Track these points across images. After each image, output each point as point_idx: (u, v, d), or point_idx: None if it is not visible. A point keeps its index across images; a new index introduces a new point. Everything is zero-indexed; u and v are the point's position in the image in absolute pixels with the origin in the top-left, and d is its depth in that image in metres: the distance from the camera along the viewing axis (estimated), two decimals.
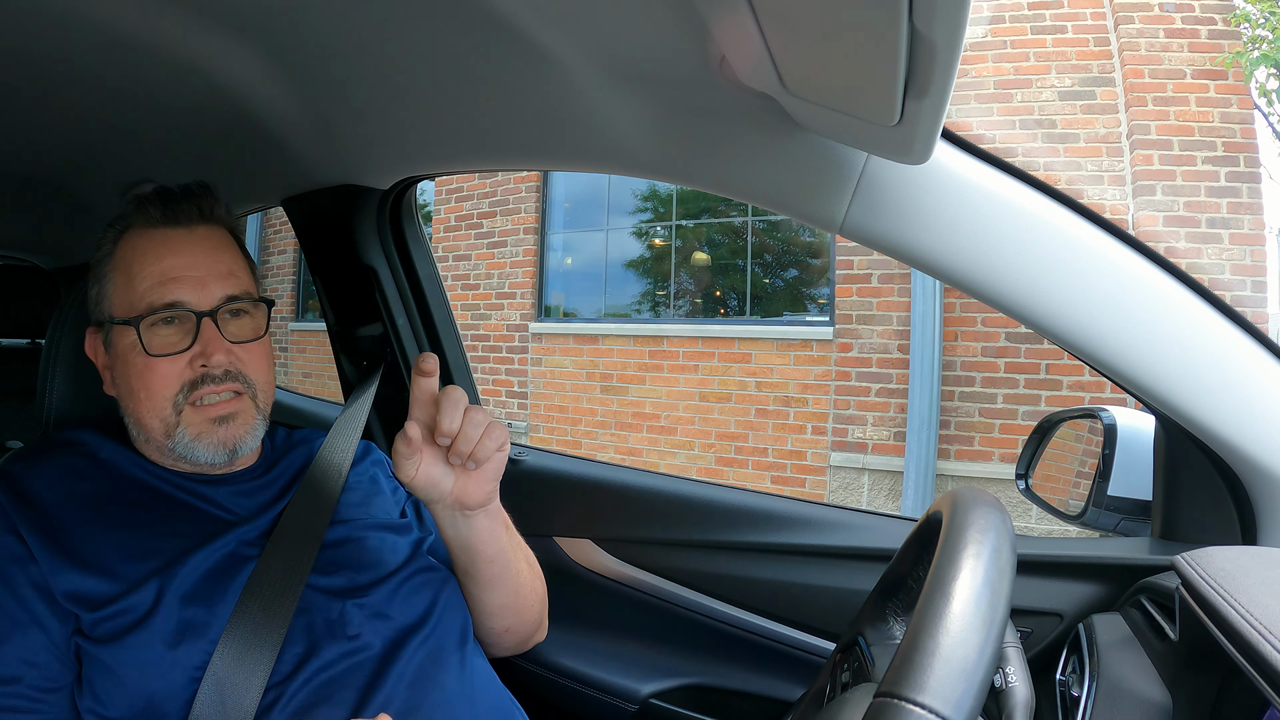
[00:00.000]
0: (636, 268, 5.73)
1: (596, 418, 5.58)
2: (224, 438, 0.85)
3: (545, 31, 0.76)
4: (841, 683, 0.74)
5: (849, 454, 4.65)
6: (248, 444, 0.87)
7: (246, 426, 0.87)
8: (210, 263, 0.87)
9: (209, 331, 0.84)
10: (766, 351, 4.95)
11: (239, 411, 0.86)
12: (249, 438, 0.87)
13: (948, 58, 0.48)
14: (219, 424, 0.85)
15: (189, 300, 0.84)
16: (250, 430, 0.87)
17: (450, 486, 0.81)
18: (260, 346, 0.89)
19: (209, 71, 0.97)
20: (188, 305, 0.84)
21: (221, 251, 0.89)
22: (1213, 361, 0.77)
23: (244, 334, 0.88)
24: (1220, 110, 4.08)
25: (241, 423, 0.86)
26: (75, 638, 0.74)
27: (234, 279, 0.88)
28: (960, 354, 4.37)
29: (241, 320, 0.88)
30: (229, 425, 0.85)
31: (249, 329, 0.88)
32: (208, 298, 0.85)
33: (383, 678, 0.79)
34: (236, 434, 0.86)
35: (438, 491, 0.81)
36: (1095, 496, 0.96)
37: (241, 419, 0.86)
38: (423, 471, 0.79)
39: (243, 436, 0.86)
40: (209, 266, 0.86)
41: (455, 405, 0.77)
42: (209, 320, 0.84)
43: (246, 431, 0.87)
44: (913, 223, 0.79)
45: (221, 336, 0.85)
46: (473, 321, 6.15)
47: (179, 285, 0.84)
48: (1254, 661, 0.52)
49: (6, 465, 0.84)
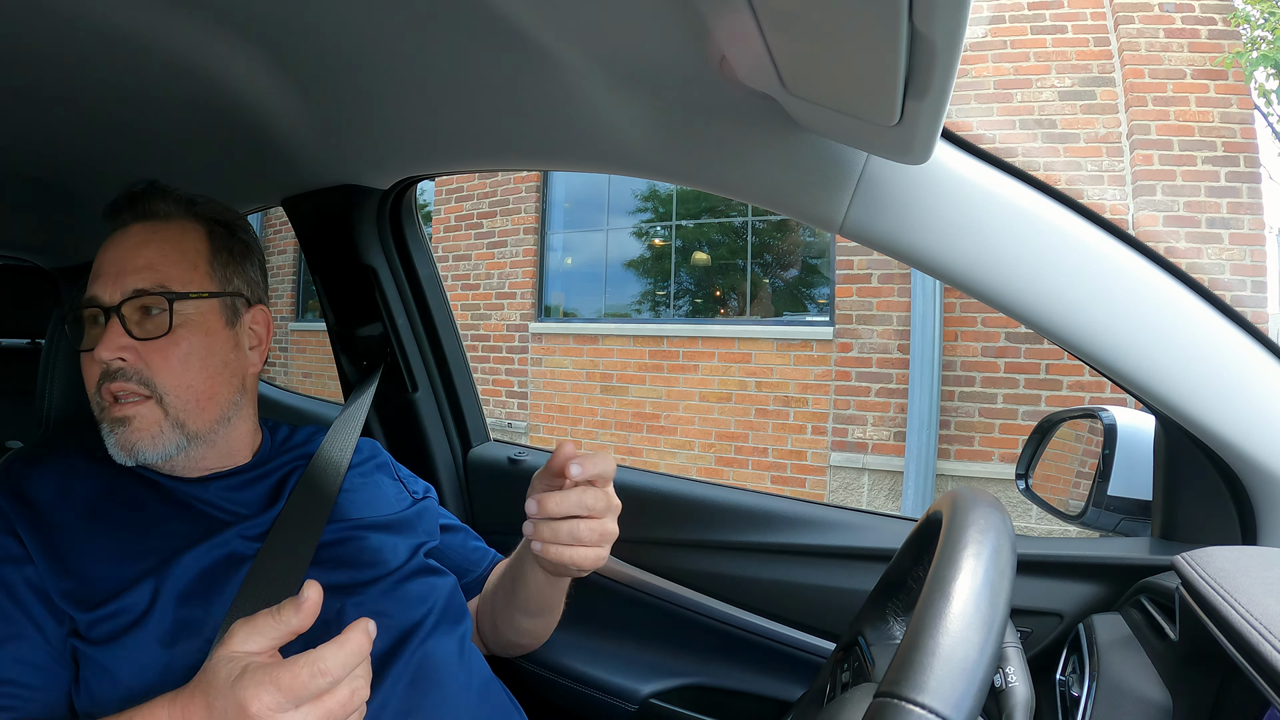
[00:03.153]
0: (636, 268, 5.73)
1: (596, 418, 5.58)
2: (122, 440, 0.82)
3: (545, 31, 0.76)
4: (841, 683, 0.74)
5: (849, 454, 4.65)
6: (148, 451, 0.82)
7: (146, 433, 0.82)
8: (127, 258, 0.85)
9: (110, 326, 0.82)
10: (766, 351, 4.95)
11: (136, 416, 0.82)
12: (148, 445, 0.82)
13: (948, 58, 0.48)
14: (119, 425, 0.82)
15: (100, 296, 0.83)
16: (151, 437, 0.82)
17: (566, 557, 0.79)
18: (169, 345, 0.83)
19: (209, 71, 0.97)
20: (98, 301, 0.83)
21: (145, 246, 0.86)
22: (1213, 361, 0.77)
23: (154, 331, 0.83)
24: (1220, 110, 4.08)
25: (139, 428, 0.82)
26: (71, 639, 0.74)
27: (149, 273, 0.84)
28: (960, 354, 4.37)
29: (156, 317, 0.84)
30: (126, 428, 0.82)
31: (151, 326, 0.83)
32: (115, 292, 0.83)
33: (381, 678, 0.79)
34: (132, 438, 0.81)
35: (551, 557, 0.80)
36: (1095, 496, 0.96)
37: (139, 424, 0.82)
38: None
39: (138, 443, 0.82)
40: (125, 261, 0.84)
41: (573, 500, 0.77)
42: (114, 315, 0.82)
43: (144, 438, 0.82)
44: (913, 223, 0.79)
45: (124, 332, 0.82)
46: (473, 321, 6.15)
47: (97, 282, 0.84)
48: (1254, 662, 0.52)
49: (6, 465, 0.84)
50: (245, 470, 0.91)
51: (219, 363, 0.88)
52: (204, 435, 0.86)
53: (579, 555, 0.78)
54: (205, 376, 0.86)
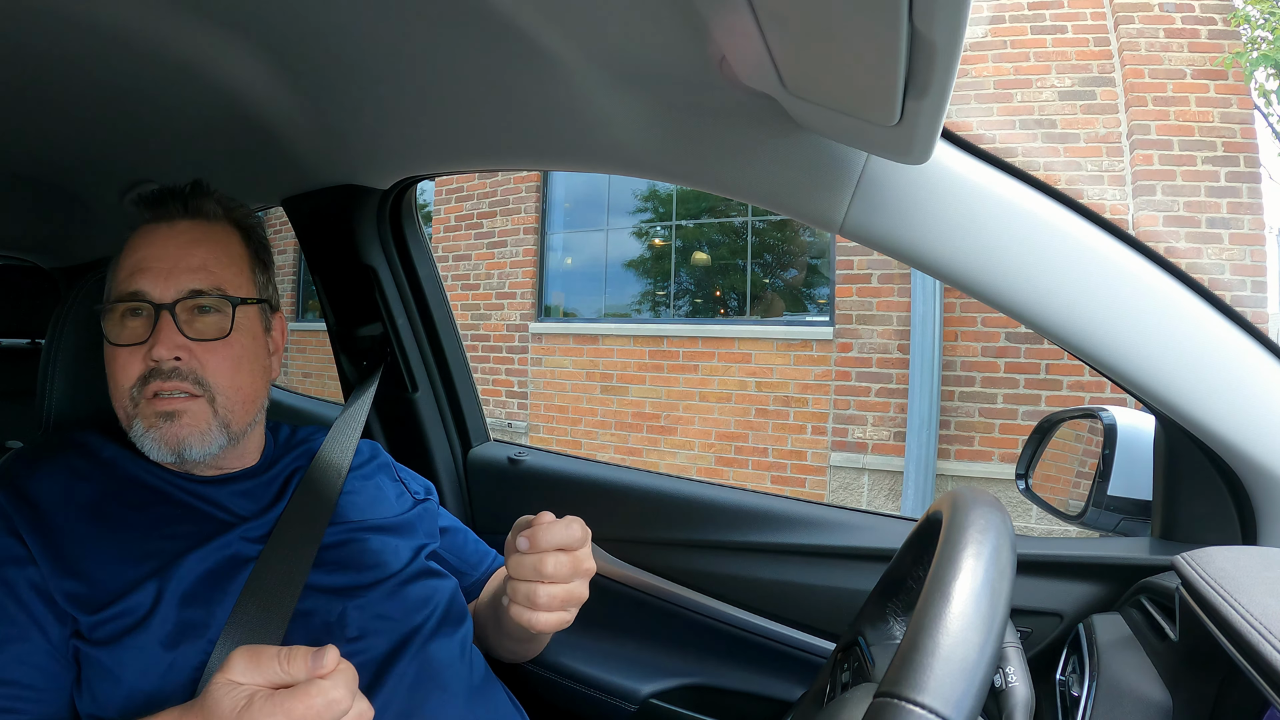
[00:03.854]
0: (636, 268, 5.73)
1: (596, 418, 5.58)
2: (167, 435, 0.82)
3: (546, 31, 0.76)
4: (841, 683, 0.74)
5: (849, 454, 4.65)
6: (195, 448, 0.83)
7: (195, 429, 0.82)
8: (180, 255, 0.85)
9: (163, 324, 0.82)
10: (766, 351, 4.95)
11: (186, 411, 0.82)
12: (196, 441, 0.83)
13: (948, 58, 0.48)
14: (165, 419, 0.82)
15: (150, 292, 0.83)
16: (200, 434, 0.83)
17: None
18: (224, 347, 0.85)
19: (209, 72, 0.97)
20: (147, 296, 0.83)
21: (198, 245, 0.86)
22: (1213, 361, 0.77)
23: (207, 332, 0.84)
24: (1220, 110, 4.08)
25: (188, 423, 0.82)
26: (74, 640, 0.74)
27: (205, 274, 0.85)
28: (960, 354, 4.37)
29: (207, 317, 0.85)
30: (174, 423, 0.82)
31: (213, 327, 0.85)
32: (169, 290, 0.83)
33: (383, 679, 0.79)
34: (181, 434, 0.82)
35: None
36: (1095, 496, 0.96)
37: (189, 419, 0.82)
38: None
39: (188, 438, 0.82)
40: (178, 259, 0.84)
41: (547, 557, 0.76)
42: (166, 313, 0.82)
43: (194, 434, 0.82)
44: (913, 223, 0.79)
45: (178, 331, 0.82)
46: (473, 321, 6.15)
47: (143, 277, 0.83)
48: (1254, 661, 0.52)
49: (8, 465, 0.84)
50: (254, 472, 0.91)
51: (261, 367, 0.90)
52: (239, 436, 0.87)
53: (535, 619, 0.76)
54: (251, 380, 0.88)
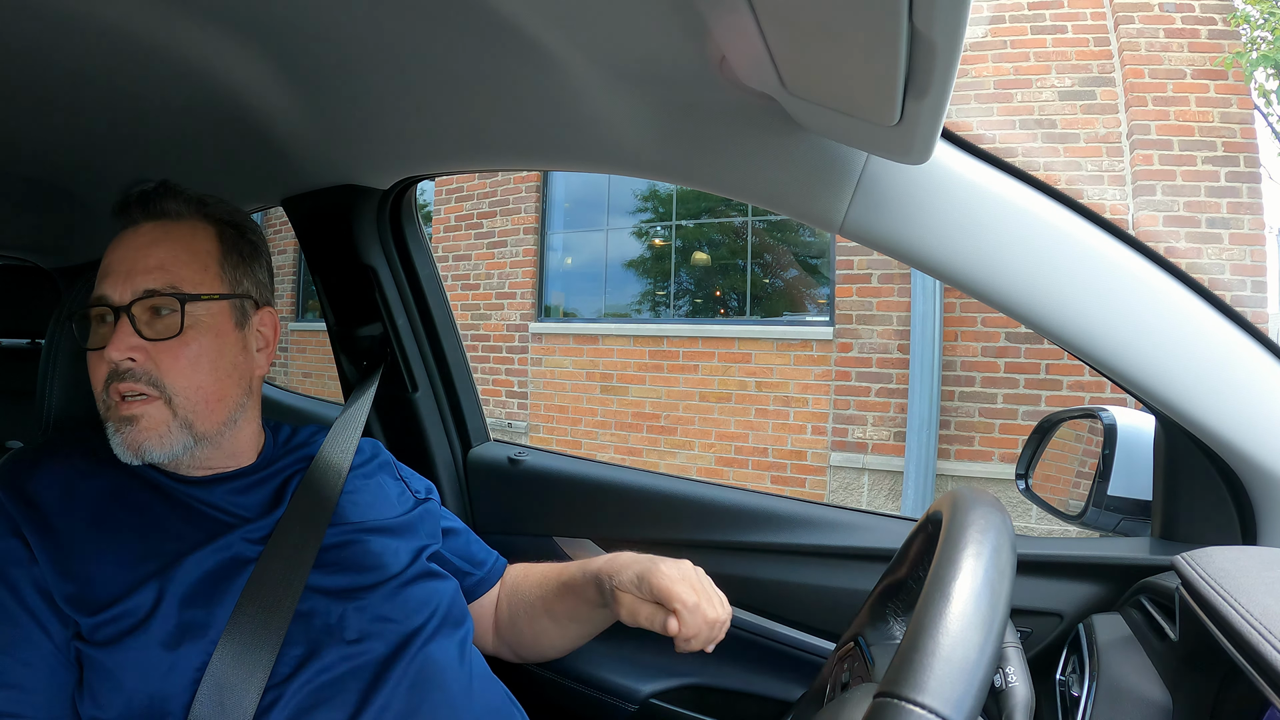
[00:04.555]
0: (636, 268, 5.73)
1: (596, 418, 5.58)
2: (129, 439, 0.81)
3: (545, 31, 0.75)
4: (841, 683, 0.74)
5: (849, 454, 4.65)
6: (155, 451, 0.82)
7: (152, 431, 0.82)
8: (138, 257, 0.84)
9: (120, 326, 0.82)
10: (766, 351, 4.94)
11: (144, 415, 0.82)
12: (155, 444, 0.82)
13: (948, 58, 0.48)
14: (125, 424, 0.81)
15: (109, 295, 0.83)
16: (158, 436, 0.82)
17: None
18: (179, 346, 0.83)
19: (209, 72, 0.97)
20: (108, 300, 0.83)
21: (156, 246, 0.86)
22: (1213, 361, 0.77)
23: (164, 332, 0.83)
24: (1220, 110, 4.08)
25: (146, 427, 0.81)
26: (75, 642, 0.74)
27: (160, 273, 0.84)
28: (960, 354, 4.37)
29: (166, 318, 0.84)
30: (133, 427, 0.81)
31: (162, 327, 0.83)
32: (125, 292, 0.83)
33: (383, 680, 0.79)
34: (139, 438, 0.81)
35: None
36: (1095, 496, 0.96)
37: (146, 423, 0.81)
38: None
39: (145, 441, 0.81)
40: (135, 261, 0.84)
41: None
42: (124, 315, 0.82)
43: (151, 436, 0.82)
44: (913, 223, 0.79)
45: (134, 333, 0.81)
46: (473, 321, 6.15)
47: (105, 281, 0.84)
48: (1254, 661, 0.52)
49: (9, 465, 0.84)
50: (249, 472, 0.91)
51: (228, 364, 0.88)
52: (211, 436, 0.86)
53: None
54: (215, 378, 0.86)
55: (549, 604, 0.99)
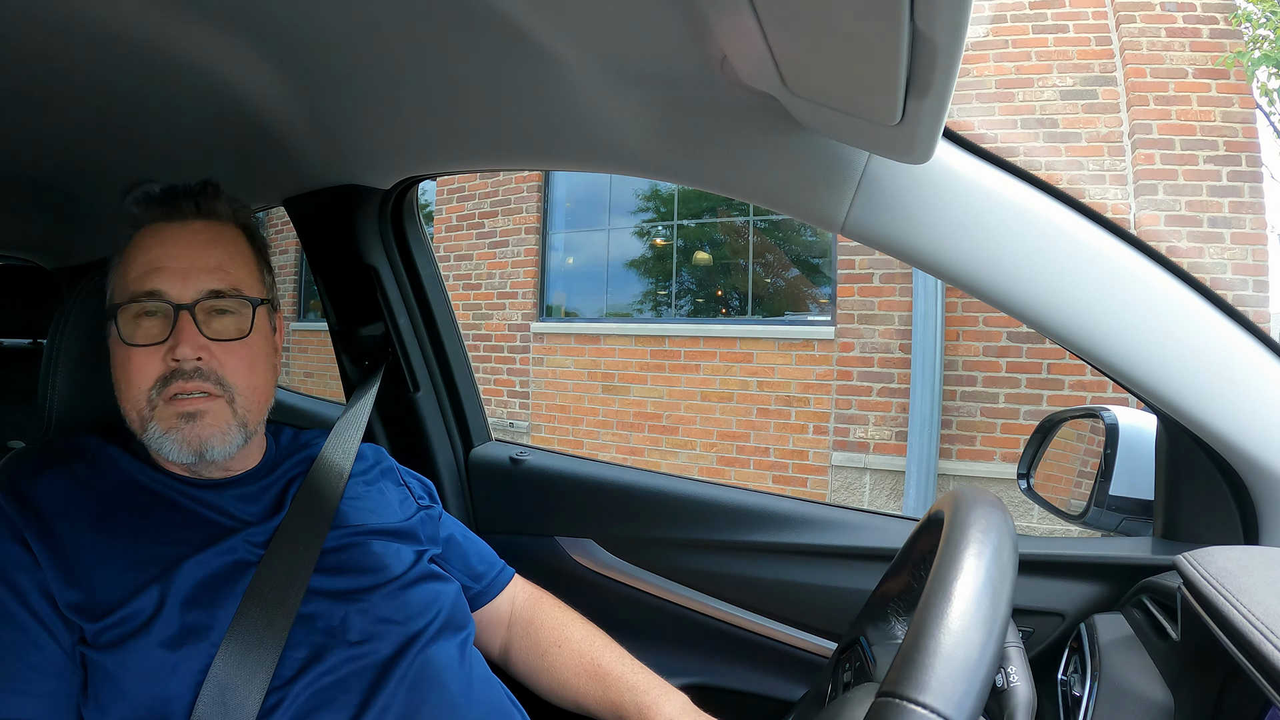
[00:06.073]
0: (638, 267, 5.73)
1: (598, 417, 5.58)
2: (189, 436, 0.81)
3: (547, 32, 0.76)
4: (843, 682, 0.74)
5: (850, 453, 4.64)
6: (217, 448, 0.83)
7: (216, 429, 0.82)
8: (197, 255, 0.85)
9: (184, 324, 0.82)
10: (768, 351, 4.94)
11: (209, 411, 0.82)
12: (218, 441, 0.83)
13: (949, 57, 0.48)
14: (186, 420, 0.81)
15: (168, 291, 0.82)
16: (221, 433, 0.83)
17: None
18: (242, 347, 0.85)
19: (211, 72, 0.97)
20: (166, 296, 0.82)
21: (214, 246, 0.86)
22: (1214, 361, 0.77)
23: (226, 332, 0.84)
24: (1222, 109, 4.07)
25: (210, 423, 0.82)
26: (79, 646, 0.74)
27: (221, 274, 0.85)
28: (962, 353, 4.36)
29: (225, 318, 0.85)
30: (196, 423, 0.81)
31: (231, 328, 0.85)
32: (188, 290, 0.83)
33: (384, 681, 0.79)
34: (203, 434, 0.82)
35: None
36: (1097, 496, 0.96)
37: (210, 419, 0.82)
38: None
39: (210, 438, 0.82)
40: (195, 259, 0.84)
41: None
42: (186, 313, 0.82)
43: (215, 434, 0.82)
44: (914, 222, 0.78)
45: (198, 332, 0.82)
46: (474, 321, 6.15)
47: (160, 276, 0.83)
48: (1256, 661, 0.52)
49: (9, 470, 0.83)
50: (256, 476, 0.91)
51: (271, 366, 0.91)
52: (252, 435, 0.88)
53: None
54: (265, 379, 0.89)
55: (580, 697, 0.98)
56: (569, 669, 0.99)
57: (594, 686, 0.97)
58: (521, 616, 1.06)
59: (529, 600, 1.07)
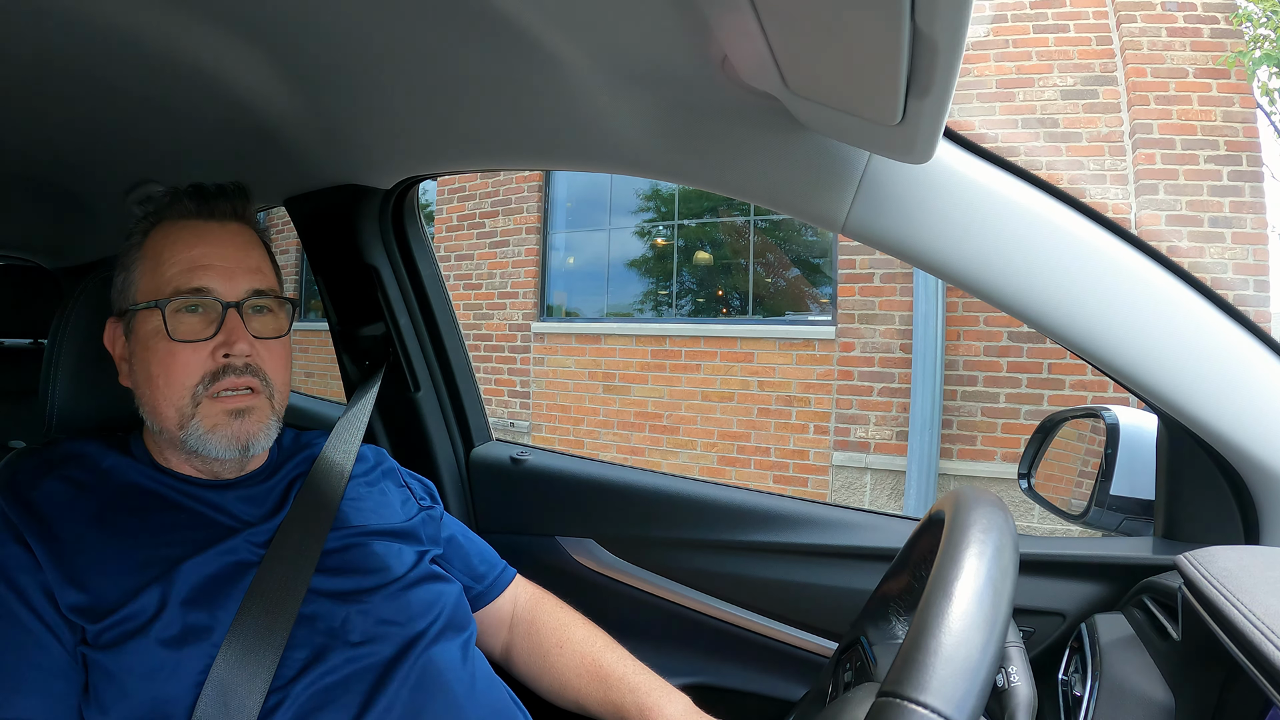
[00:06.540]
0: (639, 267, 5.73)
1: (599, 417, 5.59)
2: (238, 432, 0.83)
3: (548, 32, 0.76)
4: (844, 682, 0.74)
5: (851, 453, 4.64)
6: (260, 442, 0.86)
7: (261, 424, 0.86)
8: (240, 256, 0.87)
9: (233, 321, 0.84)
10: (769, 351, 4.94)
11: (255, 407, 0.85)
12: (262, 436, 0.86)
13: (950, 57, 0.48)
14: (234, 417, 0.83)
15: (216, 289, 0.84)
16: (264, 429, 0.86)
17: None
18: (281, 346, 0.89)
19: (211, 72, 0.97)
20: (215, 293, 0.84)
21: (251, 248, 0.89)
22: (1215, 361, 0.77)
23: (267, 330, 0.87)
24: (1223, 109, 4.07)
25: (256, 419, 0.85)
26: (81, 647, 0.74)
27: (261, 275, 0.88)
28: (962, 353, 4.36)
29: (265, 317, 0.88)
30: (244, 420, 0.84)
31: (271, 326, 0.88)
32: (235, 289, 0.85)
33: (386, 682, 0.79)
34: (250, 430, 0.84)
35: None
36: (1098, 496, 0.96)
37: (256, 415, 0.85)
38: None
39: (256, 434, 0.85)
40: (238, 259, 0.87)
41: None
42: (234, 311, 0.84)
43: (260, 429, 0.85)
44: (915, 222, 0.78)
45: (245, 329, 0.84)
46: (475, 321, 6.16)
47: (208, 273, 0.84)
48: (1257, 661, 0.52)
49: (10, 471, 0.84)
50: (260, 476, 0.91)
51: (291, 365, 0.93)
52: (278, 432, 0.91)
53: None
54: (290, 377, 0.92)
55: (581, 698, 0.99)
56: (571, 670, 1.00)
57: (596, 687, 0.97)
58: (523, 617, 1.06)
59: (530, 601, 1.07)
